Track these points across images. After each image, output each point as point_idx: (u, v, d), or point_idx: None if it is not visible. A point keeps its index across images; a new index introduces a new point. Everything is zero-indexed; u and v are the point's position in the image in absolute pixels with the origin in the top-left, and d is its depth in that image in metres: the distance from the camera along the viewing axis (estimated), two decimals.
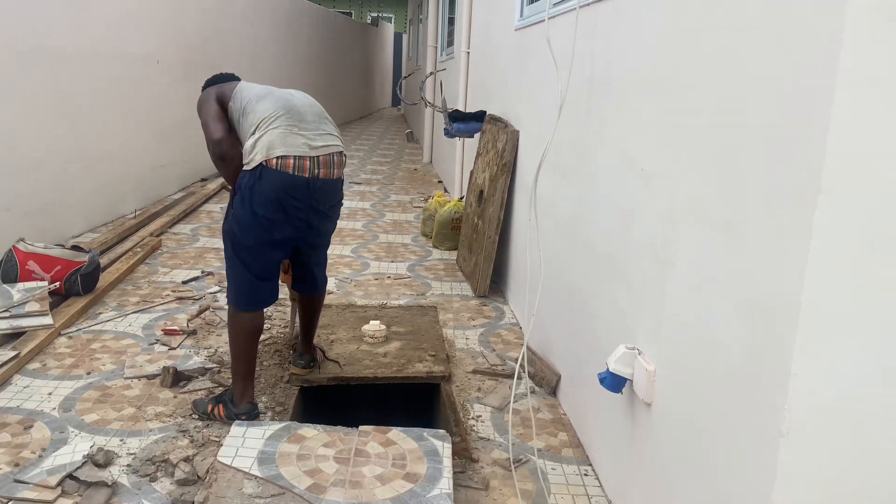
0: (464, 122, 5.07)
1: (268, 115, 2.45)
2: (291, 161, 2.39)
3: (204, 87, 2.72)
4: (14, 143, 4.25)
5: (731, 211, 1.57)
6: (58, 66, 4.64)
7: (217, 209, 6.21)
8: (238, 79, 2.76)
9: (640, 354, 2.06)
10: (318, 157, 2.45)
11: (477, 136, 5.28)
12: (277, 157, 2.37)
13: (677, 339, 1.84)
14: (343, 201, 2.73)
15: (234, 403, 2.57)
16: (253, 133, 2.44)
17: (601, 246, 2.46)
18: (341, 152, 2.57)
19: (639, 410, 2.07)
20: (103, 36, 5.20)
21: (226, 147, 2.50)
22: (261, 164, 2.37)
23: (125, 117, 5.61)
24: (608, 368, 2.11)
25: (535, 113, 3.60)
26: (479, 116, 5.03)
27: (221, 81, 2.72)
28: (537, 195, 3.41)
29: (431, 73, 7.21)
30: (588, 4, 2.43)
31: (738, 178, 1.54)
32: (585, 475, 2.44)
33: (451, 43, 8.11)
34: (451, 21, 8.35)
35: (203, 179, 7.29)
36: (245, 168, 2.43)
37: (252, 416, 2.55)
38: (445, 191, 7.42)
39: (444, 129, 5.23)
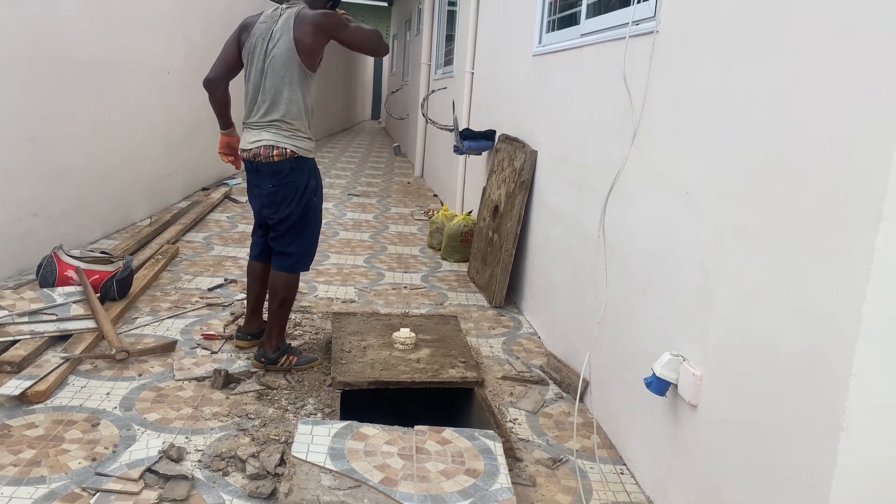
0: (474, 140, 5.28)
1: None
2: None
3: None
4: (41, 151, 4.33)
5: (785, 231, 1.78)
6: (79, 75, 4.74)
7: (224, 218, 6.32)
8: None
9: (684, 361, 2.26)
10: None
11: (485, 153, 5.50)
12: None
13: (727, 346, 2.04)
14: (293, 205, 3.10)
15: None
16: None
17: (638, 260, 2.66)
18: (271, 146, 3.01)
19: (683, 412, 2.27)
20: (120, 46, 5.31)
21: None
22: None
23: (138, 126, 5.71)
24: (654, 374, 2.31)
25: (557, 135, 3.81)
26: (489, 135, 5.25)
27: None
28: (558, 210, 3.62)
29: (433, 92, 7.41)
30: (637, 35, 2.65)
31: (793, 203, 1.75)
32: (622, 474, 2.63)
33: (448, 62, 8.33)
34: (449, 39, 8.58)
35: (204, 188, 7.38)
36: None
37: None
38: (441, 204, 7.61)
39: (455, 146, 5.42)
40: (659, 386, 2.31)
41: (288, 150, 3.00)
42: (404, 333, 3.51)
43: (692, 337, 2.25)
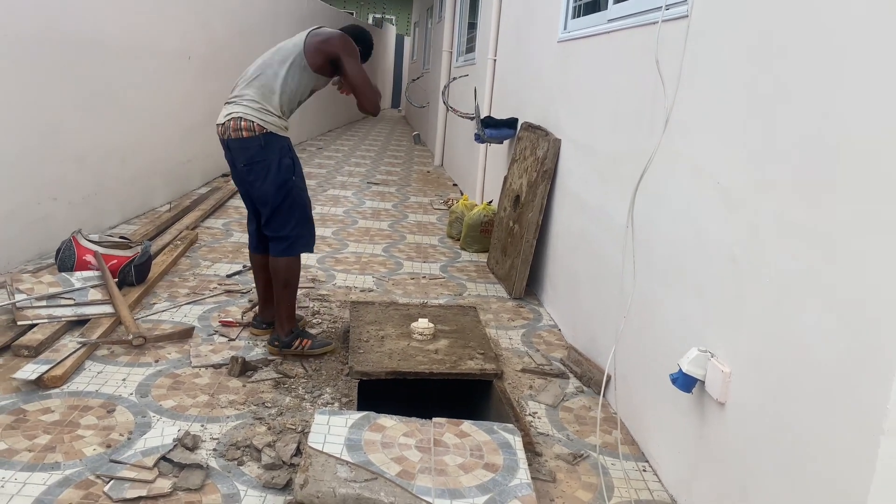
0: (496, 128, 5.20)
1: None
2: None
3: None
4: (61, 135, 4.32)
5: (825, 224, 1.70)
6: (101, 59, 4.72)
7: (244, 205, 6.28)
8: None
9: (712, 357, 2.19)
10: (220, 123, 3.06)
11: (506, 142, 5.42)
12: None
13: (759, 343, 1.96)
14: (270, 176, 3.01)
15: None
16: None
17: (665, 252, 2.59)
18: (239, 118, 2.97)
19: (710, 410, 2.20)
20: (141, 31, 5.28)
21: None
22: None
23: (158, 111, 5.69)
24: (681, 370, 2.24)
25: (582, 123, 3.73)
26: (511, 123, 5.17)
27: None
28: (581, 200, 3.55)
29: (454, 79, 7.33)
30: (669, 20, 2.56)
31: (834, 195, 1.67)
32: (644, 471, 2.56)
33: (470, 49, 8.24)
34: (471, 27, 8.49)
35: (224, 175, 7.37)
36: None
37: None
38: (461, 193, 7.55)
39: (476, 134, 5.35)
40: (685, 382, 2.24)
41: (255, 124, 2.95)
42: (422, 324, 3.46)
43: (721, 333, 2.17)
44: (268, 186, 3.01)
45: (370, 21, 23.53)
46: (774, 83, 1.95)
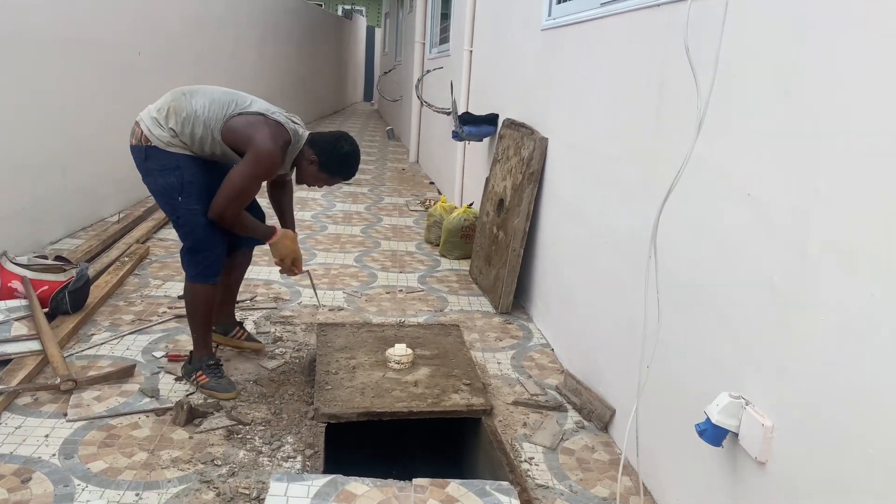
0: (475, 125, 4.81)
1: None
2: None
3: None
4: None
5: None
6: (35, 57, 4.23)
7: None
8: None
9: (747, 405, 1.82)
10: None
11: (486, 139, 5.03)
12: None
13: (812, 394, 1.59)
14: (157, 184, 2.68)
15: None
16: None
17: (685, 277, 2.20)
18: (137, 122, 2.71)
19: (746, 468, 1.82)
20: (81, 21, 4.77)
21: None
22: None
23: (104, 112, 5.19)
24: (709, 419, 1.86)
25: (574, 121, 3.34)
26: (491, 120, 4.77)
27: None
28: (574, 207, 3.16)
29: (428, 72, 6.91)
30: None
31: None
32: None
33: (444, 40, 7.82)
34: (444, 17, 8.06)
35: None
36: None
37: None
38: (439, 193, 7.15)
39: (453, 131, 4.95)
40: (714, 435, 1.86)
41: (143, 135, 2.66)
42: (399, 350, 3.06)
43: (759, 376, 1.80)
44: (159, 200, 2.74)
45: (339, 13, 22.93)
46: (823, 75, 1.57)
